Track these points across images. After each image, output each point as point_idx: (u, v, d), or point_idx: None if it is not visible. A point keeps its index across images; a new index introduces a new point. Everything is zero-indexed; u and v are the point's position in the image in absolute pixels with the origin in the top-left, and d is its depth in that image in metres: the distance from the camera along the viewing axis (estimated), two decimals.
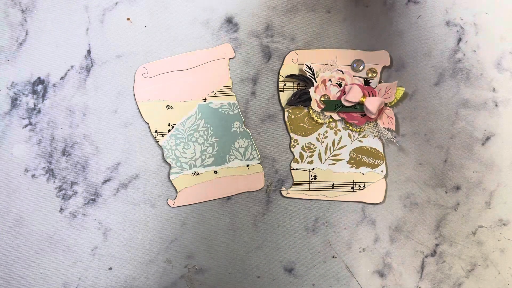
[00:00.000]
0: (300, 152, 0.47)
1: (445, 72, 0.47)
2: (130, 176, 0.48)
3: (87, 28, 0.48)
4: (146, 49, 0.48)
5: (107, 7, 0.48)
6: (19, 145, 0.48)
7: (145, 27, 0.48)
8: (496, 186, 0.47)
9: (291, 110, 0.47)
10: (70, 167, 0.48)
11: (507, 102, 0.46)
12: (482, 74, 0.47)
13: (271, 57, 0.48)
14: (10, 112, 0.48)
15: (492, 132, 0.47)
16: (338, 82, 0.46)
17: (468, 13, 0.46)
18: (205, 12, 0.48)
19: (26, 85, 0.48)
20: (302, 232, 0.48)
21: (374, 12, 0.47)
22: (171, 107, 0.48)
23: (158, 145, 0.48)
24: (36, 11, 0.48)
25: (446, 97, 0.47)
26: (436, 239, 0.47)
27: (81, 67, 0.48)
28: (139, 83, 0.48)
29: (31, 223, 0.48)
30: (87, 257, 0.49)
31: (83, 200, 0.48)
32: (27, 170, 0.48)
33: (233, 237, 0.48)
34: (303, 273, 0.48)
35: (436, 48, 0.47)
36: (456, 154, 0.47)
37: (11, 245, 0.49)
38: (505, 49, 0.46)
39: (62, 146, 0.48)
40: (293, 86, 0.47)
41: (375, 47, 0.47)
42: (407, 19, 0.47)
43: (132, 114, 0.48)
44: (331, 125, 0.47)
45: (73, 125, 0.48)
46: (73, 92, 0.48)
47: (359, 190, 0.47)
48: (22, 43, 0.48)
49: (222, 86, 0.48)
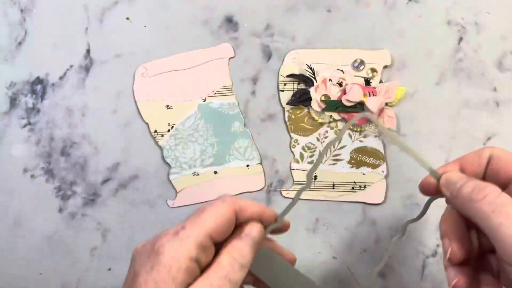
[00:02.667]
0: (301, 152, 0.47)
1: (446, 72, 0.46)
2: (130, 176, 0.48)
3: (86, 27, 0.48)
4: (145, 49, 0.47)
5: (106, 7, 0.47)
6: (18, 145, 0.48)
7: (145, 27, 0.48)
8: None
9: (291, 110, 0.47)
10: (69, 167, 0.48)
11: (509, 102, 0.46)
12: (483, 74, 0.46)
13: (271, 56, 0.47)
14: (9, 112, 0.48)
15: (494, 132, 0.46)
16: (339, 81, 0.46)
17: (469, 13, 0.46)
18: (204, 12, 0.47)
19: (25, 84, 0.48)
20: (302, 232, 0.48)
21: (374, 11, 0.47)
22: (170, 107, 0.48)
23: (157, 145, 0.48)
24: (35, 11, 0.48)
25: (447, 97, 0.46)
26: (437, 240, 0.47)
27: (80, 67, 0.48)
28: (139, 83, 0.47)
29: (30, 223, 0.48)
30: (86, 257, 0.49)
31: (82, 200, 0.48)
32: (26, 170, 0.48)
33: None
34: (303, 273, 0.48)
35: (437, 47, 0.46)
36: (457, 154, 0.46)
37: (10, 246, 0.48)
38: (506, 49, 0.46)
39: (61, 146, 0.48)
40: (293, 86, 0.47)
41: (376, 46, 0.47)
42: (408, 18, 0.46)
43: (132, 114, 0.48)
44: (331, 125, 0.47)
45: (72, 125, 0.48)
46: (72, 92, 0.48)
47: (360, 191, 0.47)
48: (21, 43, 0.48)
49: (222, 86, 0.48)
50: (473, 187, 0.28)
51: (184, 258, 0.26)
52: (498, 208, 0.26)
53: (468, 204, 0.28)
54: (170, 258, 0.26)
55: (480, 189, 0.28)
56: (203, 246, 0.27)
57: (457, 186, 0.29)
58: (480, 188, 0.28)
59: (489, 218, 0.26)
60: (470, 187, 0.28)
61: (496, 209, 0.26)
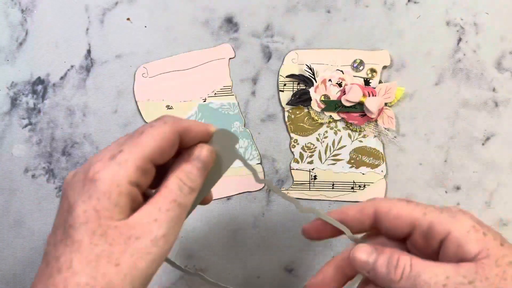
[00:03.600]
0: (300, 152, 0.47)
1: (445, 72, 0.47)
2: None
3: (87, 28, 0.48)
4: (146, 49, 0.48)
5: (107, 7, 0.48)
6: (19, 145, 0.48)
7: (145, 27, 0.48)
8: (496, 186, 0.47)
9: (291, 110, 0.47)
10: (70, 167, 0.48)
11: (507, 102, 0.46)
12: (483, 74, 0.46)
13: (271, 57, 0.48)
14: (10, 112, 0.48)
15: (492, 132, 0.47)
16: (338, 82, 0.46)
17: (468, 13, 0.46)
18: (205, 12, 0.48)
19: (26, 85, 0.48)
20: None
21: (374, 12, 0.47)
22: (171, 107, 0.48)
23: None
24: (36, 11, 0.48)
25: (446, 97, 0.47)
26: None
27: (81, 67, 0.48)
28: (139, 83, 0.48)
29: (31, 223, 0.48)
30: None
31: None
32: (27, 170, 0.48)
33: (233, 237, 0.48)
34: (303, 273, 0.48)
35: (436, 48, 0.47)
36: (456, 154, 0.47)
37: (11, 245, 0.49)
38: (505, 49, 0.46)
39: (62, 146, 0.48)
40: (293, 86, 0.47)
41: (375, 47, 0.47)
42: (407, 19, 0.47)
43: (132, 114, 0.48)
44: (331, 125, 0.47)
45: (73, 125, 0.48)
46: (73, 92, 0.48)
47: (359, 190, 0.47)
48: (22, 43, 0.48)
49: (222, 86, 0.48)
50: (387, 265, 0.27)
51: (124, 183, 0.25)
52: (417, 280, 0.26)
53: (389, 285, 0.27)
54: (109, 184, 0.24)
55: (394, 267, 0.27)
56: (142, 169, 0.26)
57: (370, 265, 0.28)
58: (393, 266, 0.27)
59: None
60: (383, 266, 0.27)
61: (415, 281, 0.26)
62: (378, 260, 0.28)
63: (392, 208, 0.29)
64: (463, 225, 0.27)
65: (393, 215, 0.28)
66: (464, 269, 0.25)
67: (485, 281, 0.25)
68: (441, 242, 0.27)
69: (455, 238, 0.26)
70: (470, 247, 0.26)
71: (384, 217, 0.29)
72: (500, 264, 0.25)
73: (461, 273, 0.25)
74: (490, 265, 0.25)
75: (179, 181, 0.27)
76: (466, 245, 0.26)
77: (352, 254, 0.29)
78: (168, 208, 0.26)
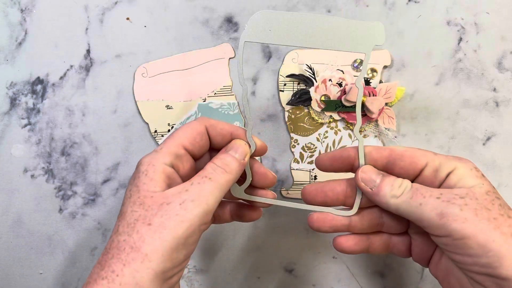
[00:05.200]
0: (300, 152, 0.47)
1: (445, 72, 0.47)
2: (130, 176, 0.48)
3: (87, 27, 0.48)
4: (145, 49, 0.48)
5: (107, 7, 0.48)
6: (18, 145, 0.48)
7: (145, 27, 0.48)
8: (497, 186, 0.46)
9: (291, 110, 0.47)
10: (70, 167, 0.48)
11: (508, 102, 0.46)
12: (483, 74, 0.46)
13: (271, 56, 0.48)
14: (9, 112, 0.48)
15: (493, 132, 0.46)
16: (339, 82, 0.46)
17: (469, 13, 0.46)
18: (205, 12, 0.47)
19: (25, 85, 0.48)
20: (302, 232, 0.48)
21: (374, 11, 0.47)
22: (170, 107, 0.48)
23: (157, 145, 0.48)
24: (35, 11, 0.48)
25: (447, 97, 0.47)
26: None
27: (80, 67, 0.48)
28: (139, 83, 0.48)
29: (31, 223, 0.48)
30: (86, 257, 0.49)
31: (82, 200, 0.48)
32: (26, 170, 0.48)
33: (233, 237, 0.48)
34: (303, 274, 0.48)
35: (436, 47, 0.46)
36: (457, 154, 0.47)
37: (11, 245, 0.48)
38: (506, 49, 0.46)
39: (61, 146, 0.48)
40: (293, 86, 0.47)
41: (376, 46, 0.47)
42: (408, 18, 0.47)
43: (132, 114, 0.48)
44: (331, 125, 0.47)
45: (72, 125, 0.48)
46: (72, 92, 0.48)
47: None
48: (21, 43, 0.48)
49: (222, 86, 0.48)
50: (392, 184, 0.32)
51: (159, 163, 0.31)
52: (415, 193, 0.30)
53: (389, 200, 0.31)
54: (147, 165, 0.31)
55: (398, 186, 0.31)
56: (176, 153, 0.32)
57: (377, 182, 0.32)
58: (397, 184, 0.32)
59: (409, 203, 0.30)
60: (388, 184, 0.32)
61: (413, 195, 0.30)
62: (384, 179, 0.32)
63: (407, 150, 0.33)
64: (467, 165, 0.31)
65: (409, 155, 0.32)
66: (457, 190, 0.30)
67: (475, 200, 0.29)
68: (447, 175, 0.31)
69: (459, 172, 0.31)
70: (469, 180, 0.30)
71: (400, 157, 0.33)
72: (489, 195, 0.29)
73: (454, 192, 0.30)
74: (481, 193, 0.29)
75: (213, 164, 0.32)
76: (466, 178, 0.30)
77: (362, 171, 0.33)
78: (199, 181, 0.30)
